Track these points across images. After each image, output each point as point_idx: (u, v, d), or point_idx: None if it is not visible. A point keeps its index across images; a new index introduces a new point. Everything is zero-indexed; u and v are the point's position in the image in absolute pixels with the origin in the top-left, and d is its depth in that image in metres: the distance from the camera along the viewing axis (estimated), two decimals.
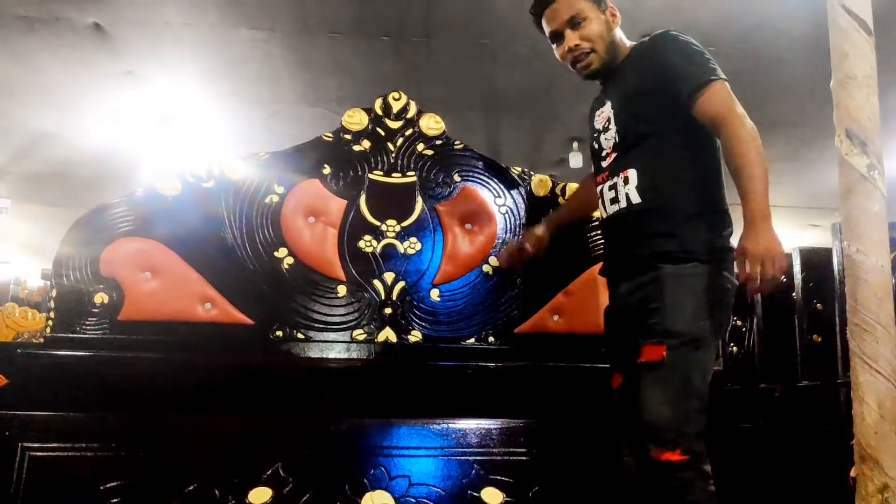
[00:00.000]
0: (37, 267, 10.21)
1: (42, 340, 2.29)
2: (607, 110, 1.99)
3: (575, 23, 1.97)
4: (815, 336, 3.10)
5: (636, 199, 1.88)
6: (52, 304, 2.28)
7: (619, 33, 2.02)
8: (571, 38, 1.97)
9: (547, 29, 2.02)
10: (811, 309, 3.14)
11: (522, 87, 5.52)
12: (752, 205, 1.69)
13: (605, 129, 1.99)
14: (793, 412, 3.11)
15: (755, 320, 3.43)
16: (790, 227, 8.95)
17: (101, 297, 2.28)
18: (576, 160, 6.57)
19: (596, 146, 2.04)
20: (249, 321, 2.32)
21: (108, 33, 4.79)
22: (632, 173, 1.90)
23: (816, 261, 3.17)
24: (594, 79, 2.06)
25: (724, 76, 1.81)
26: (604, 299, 2.18)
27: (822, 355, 3.03)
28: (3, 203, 7.69)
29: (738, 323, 3.54)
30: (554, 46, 2.04)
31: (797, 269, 3.26)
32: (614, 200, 1.94)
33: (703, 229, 1.81)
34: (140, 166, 6.67)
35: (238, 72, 5.33)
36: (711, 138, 1.88)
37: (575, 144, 6.58)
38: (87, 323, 2.27)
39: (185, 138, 6.25)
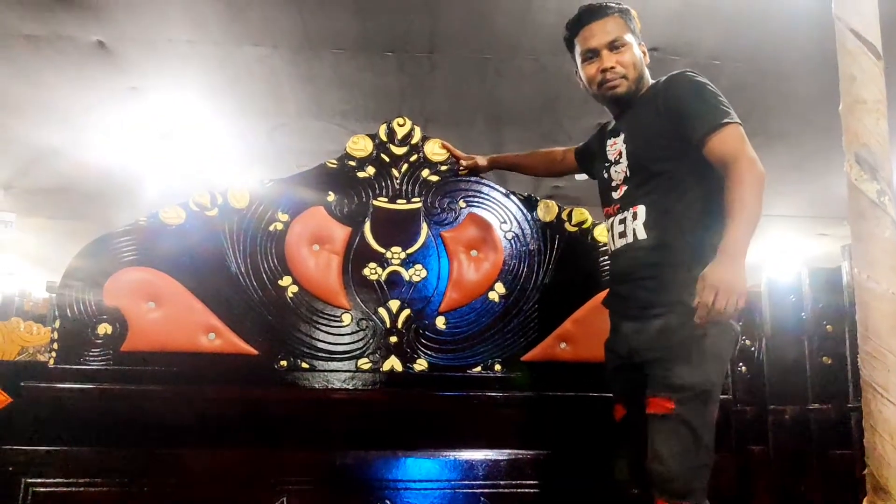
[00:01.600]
0: (42, 279, 10.22)
1: (47, 358, 2.28)
2: (620, 143, 1.98)
3: (615, 46, 1.96)
4: (825, 358, 3.07)
5: (642, 234, 1.86)
6: (55, 336, 2.26)
7: (646, 71, 2.01)
8: (609, 58, 1.95)
9: (583, 45, 2.00)
10: (821, 331, 3.10)
11: (526, 100, 5.49)
12: (730, 240, 1.67)
13: (617, 162, 1.97)
14: (803, 435, 3.07)
15: (764, 340, 3.39)
16: (798, 235, 8.90)
17: (104, 328, 2.27)
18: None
19: (606, 176, 2.02)
20: (254, 351, 2.30)
21: (112, 51, 4.78)
22: (641, 209, 1.88)
23: (826, 281, 3.14)
24: (612, 104, 2.03)
25: (738, 120, 1.79)
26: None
27: (832, 378, 3.00)
28: (7, 217, 7.68)
29: (748, 342, 3.51)
30: (582, 64, 2.01)
31: (806, 289, 3.23)
32: (622, 235, 1.91)
33: (696, 273, 1.79)
34: (144, 181, 6.67)
35: (241, 87, 5.31)
36: (723, 180, 1.86)
37: None
38: (91, 354, 2.25)
39: (189, 153, 6.24)
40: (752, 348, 3.54)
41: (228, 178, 7.07)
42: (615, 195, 1.97)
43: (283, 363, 2.31)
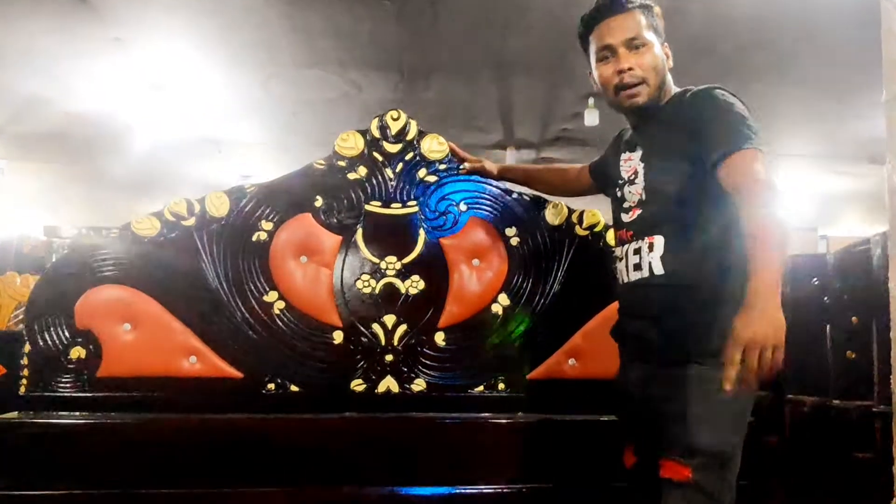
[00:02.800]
0: (40, 221, 10.08)
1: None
2: (636, 161, 1.75)
3: (634, 45, 1.70)
4: (849, 352, 2.89)
5: (659, 270, 1.66)
6: (25, 361, 2.10)
7: (669, 75, 1.76)
8: (627, 58, 1.70)
9: (598, 42, 1.74)
10: (846, 322, 2.91)
11: (536, 51, 5.18)
12: (757, 281, 1.43)
13: (632, 182, 1.75)
14: (823, 431, 2.93)
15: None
16: (813, 173, 8.66)
17: (77, 352, 2.10)
18: (591, 118, 6.23)
19: (619, 195, 1.80)
20: (238, 374, 2.14)
21: (92, 2, 4.48)
22: (658, 241, 1.67)
23: (852, 267, 2.92)
24: (631, 114, 1.80)
25: (760, 145, 1.56)
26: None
27: (856, 374, 2.83)
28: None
29: None
30: (596, 63, 1.76)
31: (830, 272, 3.03)
32: (637, 267, 1.71)
33: (732, 321, 1.60)
34: (136, 130, 6.42)
35: (233, 37, 5.01)
36: None
37: (591, 101, 6.23)
38: (63, 381, 2.09)
39: (182, 103, 5.97)
40: None
41: (224, 128, 6.82)
42: (627, 218, 1.76)
43: (271, 386, 2.15)
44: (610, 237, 2.27)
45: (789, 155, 7.87)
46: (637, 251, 1.71)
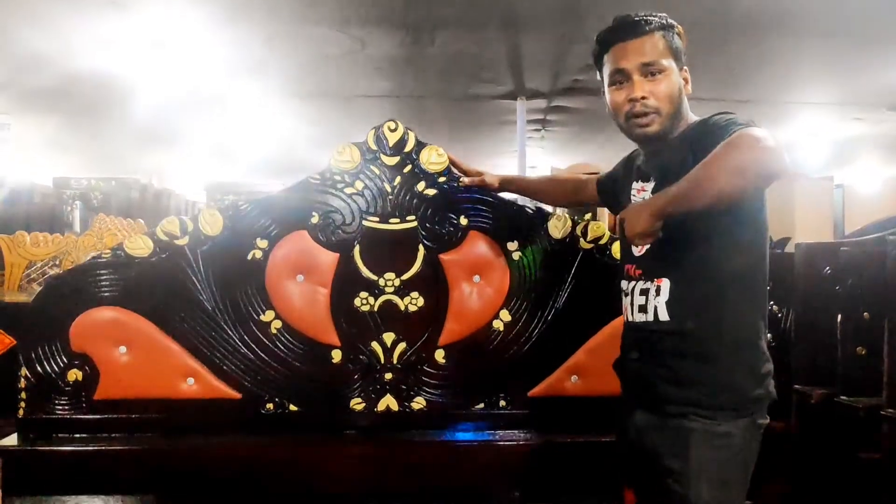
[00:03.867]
0: (48, 170, 10.07)
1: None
2: (648, 192, 1.68)
3: (650, 71, 1.61)
4: (859, 347, 2.84)
5: (664, 316, 1.61)
6: (22, 384, 2.09)
7: (686, 103, 1.66)
8: (641, 86, 1.61)
9: (612, 64, 1.65)
10: (857, 315, 2.86)
11: (545, 4, 4.97)
12: (677, 189, 1.42)
13: None
14: (828, 426, 2.91)
15: (791, 313, 3.16)
16: (831, 120, 8.46)
17: (74, 375, 2.09)
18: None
19: None
20: (236, 395, 2.13)
21: None
22: (665, 285, 1.61)
23: (866, 262, 2.85)
24: (642, 143, 1.71)
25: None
26: None
27: (865, 370, 2.79)
28: (4, 120, 7.38)
29: (775, 308, 3.27)
30: (609, 87, 1.68)
31: (843, 266, 2.95)
32: (643, 309, 1.65)
33: (739, 373, 1.56)
34: (138, 87, 6.31)
35: None
36: (761, 251, 1.59)
37: None
38: (61, 403, 2.09)
39: (184, 62, 5.84)
40: (780, 315, 3.30)
41: (228, 85, 6.68)
42: (636, 252, 1.70)
43: (269, 406, 2.14)
44: (616, 250, 2.20)
45: (808, 103, 7.67)
46: (644, 292, 1.66)
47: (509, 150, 10.93)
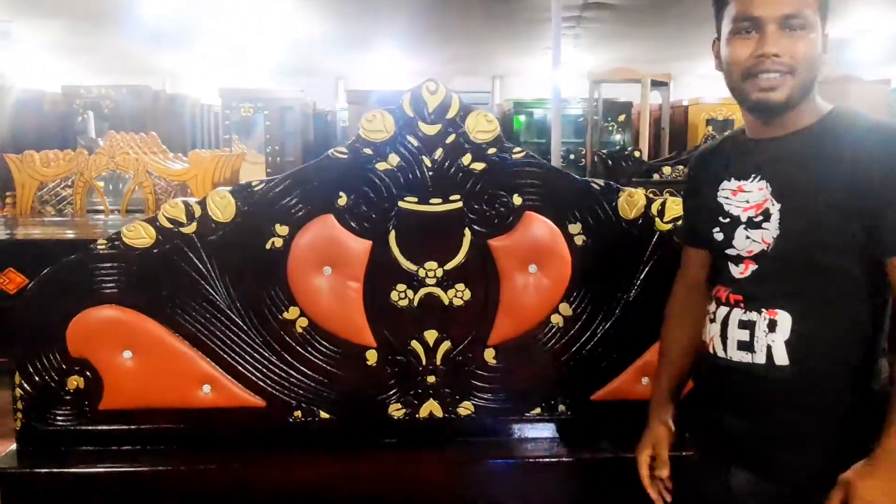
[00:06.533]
0: (56, 74, 9.68)
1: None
2: (759, 195, 1.32)
3: (791, 25, 1.25)
4: None
5: (783, 359, 1.29)
6: (17, 393, 1.84)
7: (820, 73, 1.29)
8: (777, 39, 1.24)
9: (740, 8, 1.28)
10: None
11: None
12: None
13: (753, 224, 1.32)
14: None
15: None
16: (890, 12, 7.78)
17: (74, 382, 1.84)
18: None
19: (721, 237, 1.39)
20: (260, 402, 1.87)
21: None
22: (783, 318, 1.29)
23: None
24: (757, 113, 1.34)
25: None
26: None
27: None
28: (5, 28, 6.95)
29: None
30: (730, 36, 1.30)
31: None
32: (746, 347, 1.33)
33: (861, 427, 1.25)
34: None
35: None
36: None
37: None
38: (61, 413, 1.85)
39: None
40: None
41: None
42: (737, 272, 1.36)
43: (298, 414, 1.88)
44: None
45: None
46: (747, 325, 1.33)
47: (540, 48, 10.32)
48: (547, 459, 1.84)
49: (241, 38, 8.76)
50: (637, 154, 5.97)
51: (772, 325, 1.30)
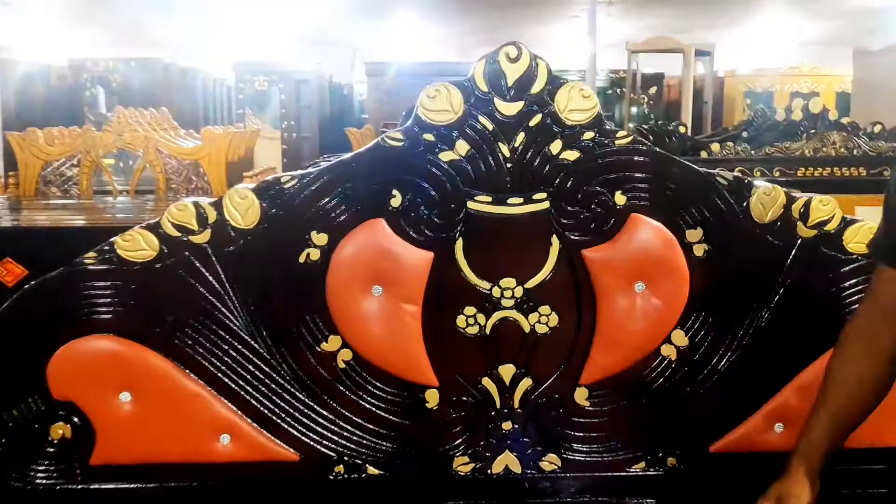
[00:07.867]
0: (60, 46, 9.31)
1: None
2: None
3: None
4: None
5: None
6: None
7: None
8: None
9: None
10: None
11: None
12: None
13: None
14: None
15: None
16: None
17: (59, 430, 1.46)
18: None
19: None
20: (293, 455, 1.48)
21: None
22: None
23: None
24: None
25: None
26: None
27: None
28: None
29: None
30: None
31: None
32: None
33: None
34: None
35: None
36: None
37: None
38: (43, 469, 1.47)
39: None
40: None
41: None
42: None
43: (339, 469, 1.49)
44: (850, 238, 1.46)
45: None
46: None
47: (567, 16, 9.85)
48: None
49: (253, 7, 8.32)
50: (682, 129, 5.50)
51: None
